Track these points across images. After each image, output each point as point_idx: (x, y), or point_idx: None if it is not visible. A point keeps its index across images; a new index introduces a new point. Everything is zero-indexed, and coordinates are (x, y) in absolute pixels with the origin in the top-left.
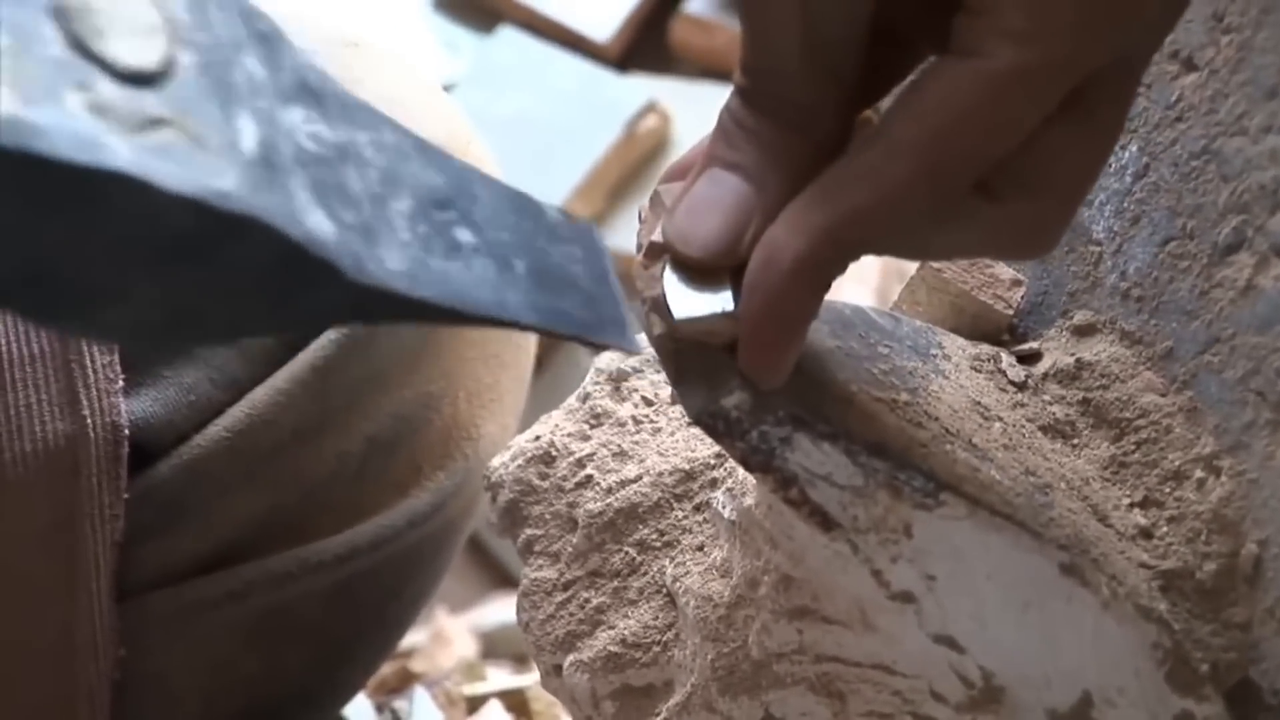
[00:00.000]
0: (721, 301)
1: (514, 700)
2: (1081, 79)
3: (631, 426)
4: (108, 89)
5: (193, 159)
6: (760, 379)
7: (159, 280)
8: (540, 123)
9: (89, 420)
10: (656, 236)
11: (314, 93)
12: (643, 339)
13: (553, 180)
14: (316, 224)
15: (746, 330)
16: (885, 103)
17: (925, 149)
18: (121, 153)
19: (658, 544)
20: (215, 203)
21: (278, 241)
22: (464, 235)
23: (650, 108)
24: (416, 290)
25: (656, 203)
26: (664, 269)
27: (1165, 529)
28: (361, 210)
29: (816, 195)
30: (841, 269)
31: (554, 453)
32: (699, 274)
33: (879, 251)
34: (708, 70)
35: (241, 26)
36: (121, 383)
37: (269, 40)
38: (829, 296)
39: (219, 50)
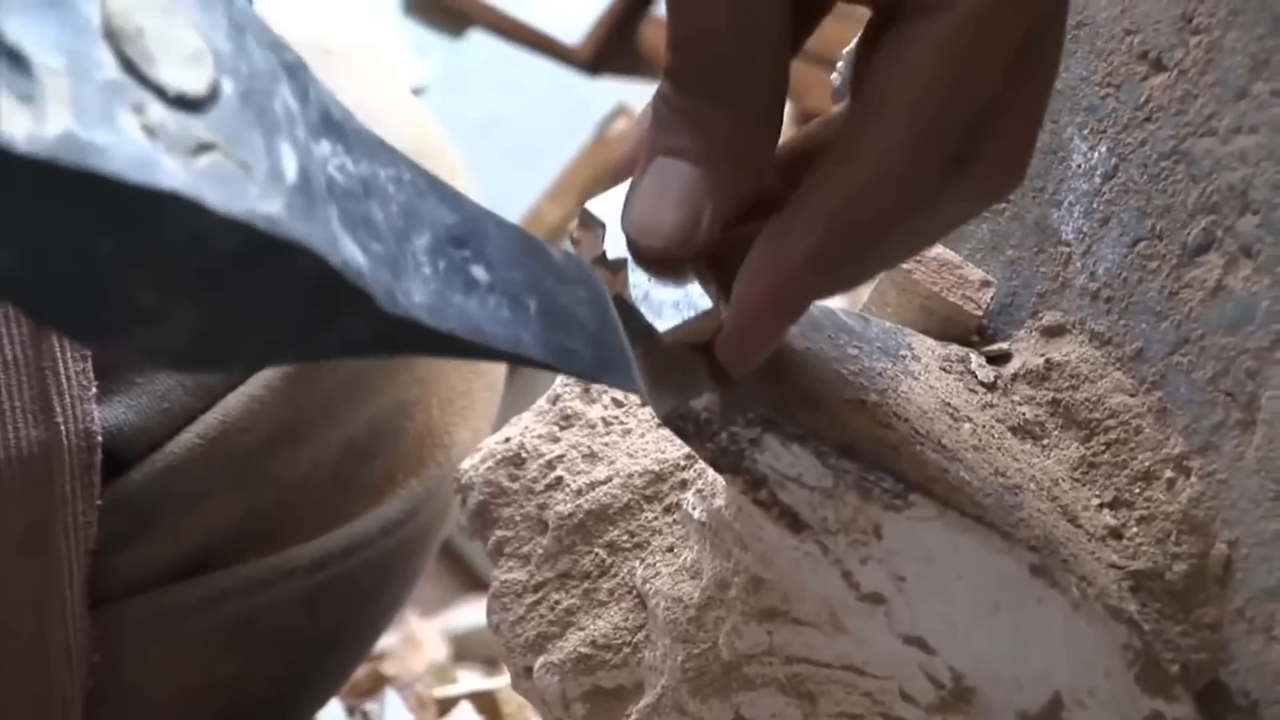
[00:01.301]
0: (691, 296)
1: (485, 702)
2: (1030, 20)
3: (601, 428)
4: (159, 112)
5: (240, 183)
6: (741, 367)
7: (200, 303)
8: (511, 126)
9: (62, 427)
10: (612, 251)
11: (338, 126)
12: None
13: (524, 183)
14: (351, 254)
15: (743, 322)
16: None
17: (920, 116)
18: (176, 174)
19: (628, 545)
20: (263, 227)
21: (318, 268)
22: (479, 272)
23: (621, 110)
24: (440, 323)
25: (587, 220)
26: (626, 280)
27: (1135, 530)
28: (387, 244)
29: (817, 183)
30: (852, 258)
31: (524, 454)
32: (662, 268)
33: (884, 242)
34: None
35: (274, 58)
36: (95, 390)
37: (296, 72)
38: None
39: (258, 80)
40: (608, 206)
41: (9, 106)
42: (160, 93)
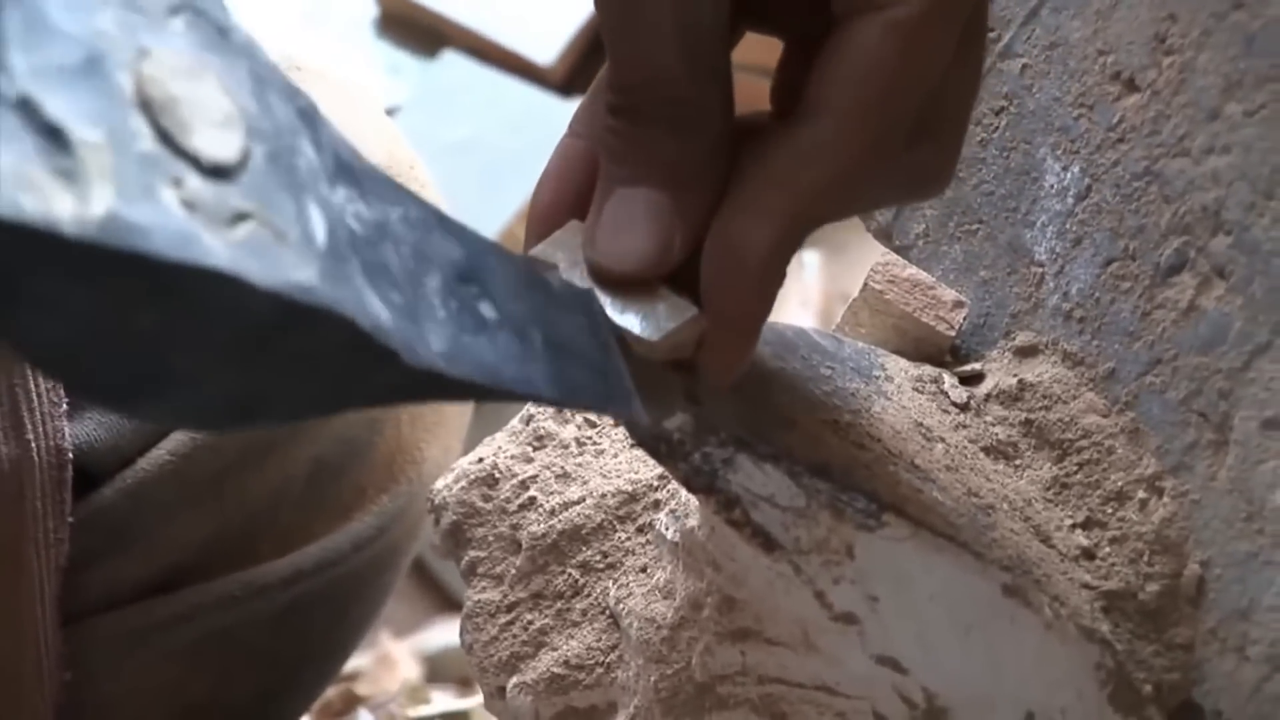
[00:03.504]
0: (670, 308)
1: None
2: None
3: (574, 448)
4: (196, 183)
5: (276, 253)
6: (725, 377)
7: (235, 367)
8: (484, 146)
9: (33, 444)
10: (577, 281)
11: (350, 170)
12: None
13: (496, 204)
14: (376, 310)
15: (720, 330)
16: None
17: (869, 115)
18: (216, 249)
19: (601, 566)
20: (299, 297)
21: (350, 331)
22: (486, 309)
23: None
24: (456, 370)
25: (537, 265)
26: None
27: (1108, 550)
28: (404, 290)
29: (771, 184)
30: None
31: (497, 475)
32: (629, 293)
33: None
34: None
35: (292, 108)
36: (65, 407)
37: (310, 119)
38: (771, 319)
39: (282, 137)
40: (556, 249)
41: (52, 186)
42: (195, 162)
